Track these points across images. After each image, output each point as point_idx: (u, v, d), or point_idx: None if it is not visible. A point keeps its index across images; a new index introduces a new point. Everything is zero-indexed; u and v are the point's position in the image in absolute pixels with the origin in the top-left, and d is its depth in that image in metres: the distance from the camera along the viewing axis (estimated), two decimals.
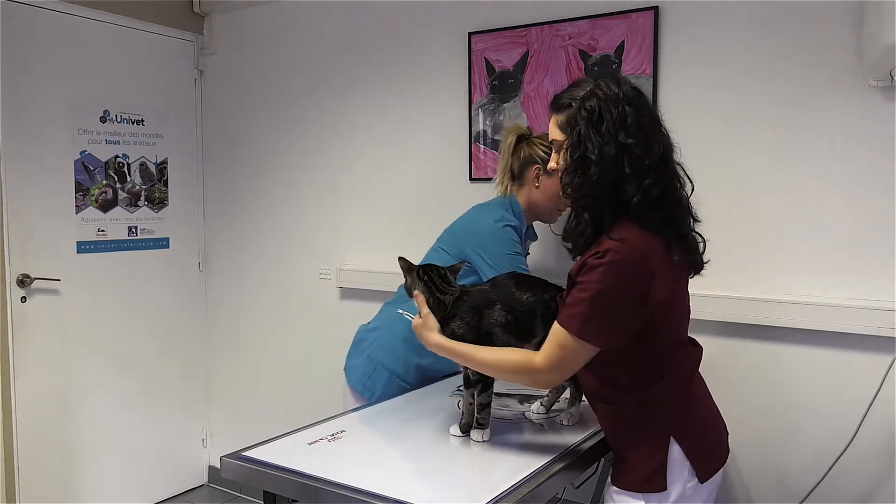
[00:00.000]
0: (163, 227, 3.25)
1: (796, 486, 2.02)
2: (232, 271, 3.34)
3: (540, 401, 1.82)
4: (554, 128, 1.47)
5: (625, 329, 1.38)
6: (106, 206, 3.03)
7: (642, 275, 1.35)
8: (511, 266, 1.94)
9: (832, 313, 1.93)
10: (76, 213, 2.93)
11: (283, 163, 3.11)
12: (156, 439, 3.25)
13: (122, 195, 3.08)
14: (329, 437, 1.62)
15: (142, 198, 3.16)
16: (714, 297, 2.04)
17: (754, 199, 2.07)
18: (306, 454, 1.53)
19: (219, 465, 1.55)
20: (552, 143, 1.51)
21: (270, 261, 3.20)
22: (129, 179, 3.11)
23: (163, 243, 3.25)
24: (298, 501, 1.45)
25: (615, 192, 1.37)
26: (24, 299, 2.77)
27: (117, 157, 3.06)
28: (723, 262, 1.68)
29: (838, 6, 1.92)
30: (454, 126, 2.61)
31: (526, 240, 2.17)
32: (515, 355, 1.48)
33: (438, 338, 1.56)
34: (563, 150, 1.44)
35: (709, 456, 1.48)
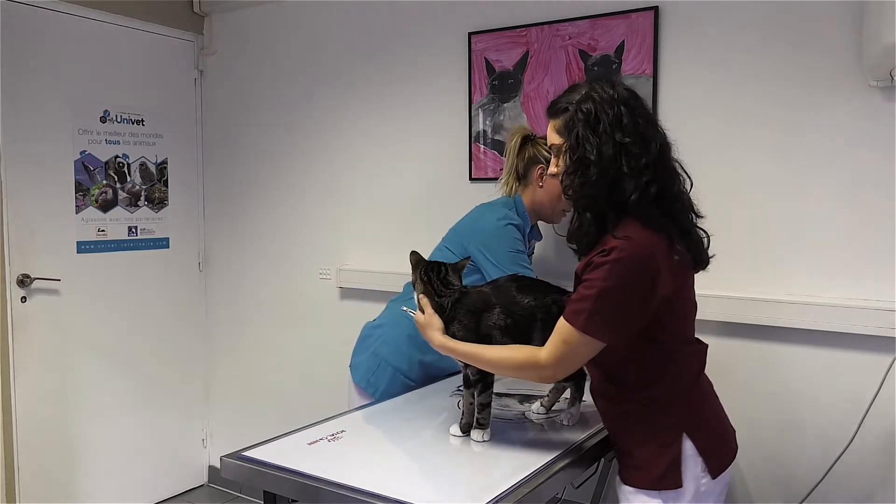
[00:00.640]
0: (163, 227, 3.25)
1: (796, 486, 2.02)
2: (232, 271, 3.34)
3: (540, 401, 1.82)
4: (552, 132, 1.51)
5: (630, 325, 1.39)
6: (106, 206, 3.03)
7: (647, 271, 1.37)
8: (513, 264, 1.95)
9: (832, 313, 1.93)
10: (76, 213, 2.93)
11: (283, 163, 3.11)
12: (156, 439, 3.25)
13: (122, 195, 3.08)
14: (329, 437, 1.62)
15: (142, 198, 3.16)
16: (714, 297, 2.04)
17: (754, 199, 2.08)
18: (306, 454, 1.53)
19: (219, 465, 1.55)
20: (551, 148, 1.53)
21: (270, 261, 3.20)
22: (129, 179, 3.11)
23: (163, 243, 3.25)
24: (298, 501, 1.45)
25: (614, 191, 1.40)
26: (24, 299, 2.77)
27: (117, 157, 3.06)
28: (723, 262, 1.68)
29: (838, 6, 1.92)
30: (454, 126, 2.60)
31: (530, 240, 2.18)
32: (520, 352, 1.50)
33: (442, 338, 1.57)
34: (563, 153, 1.47)
35: (720, 451, 1.49)
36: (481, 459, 1.56)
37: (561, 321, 1.42)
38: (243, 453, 1.52)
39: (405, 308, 2.09)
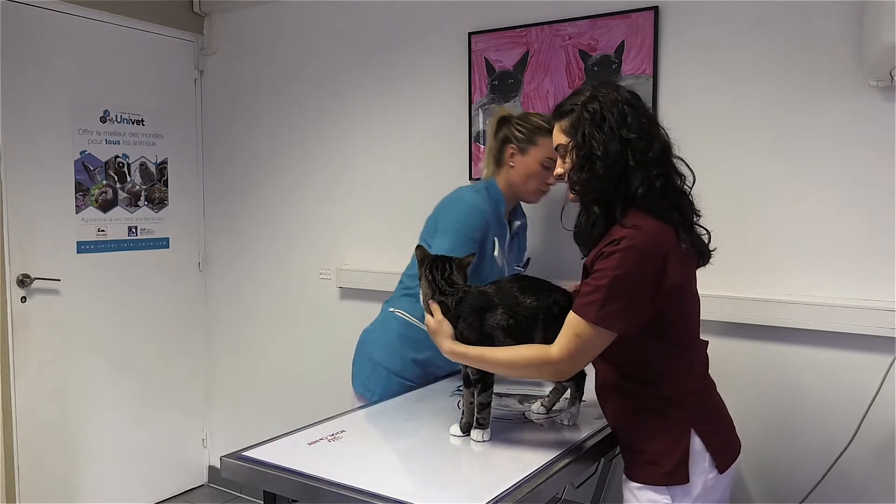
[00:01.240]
0: (163, 227, 3.25)
1: (796, 486, 2.02)
2: (232, 271, 3.34)
3: (541, 401, 1.82)
4: (559, 133, 1.54)
5: (641, 314, 1.41)
6: (106, 206, 3.03)
7: (657, 259, 1.39)
8: (453, 243, 1.91)
9: (832, 313, 1.93)
10: (76, 213, 2.93)
11: (283, 163, 3.11)
12: (156, 439, 3.25)
13: (122, 195, 3.08)
14: (329, 437, 1.62)
15: (142, 198, 3.16)
16: (714, 297, 2.04)
17: (754, 199, 2.08)
18: (306, 454, 1.53)
19: (219, 465, 1.55)
20: (557, 149, 1.56)
21: (270, 261, 3.20)
22: (129, 179, 3.11)
23: (163, 243, 3.25)
24: (298, 501, 1.45)
25: (622, 184, 1.44)
26: (24, 299, 2.77)
27: (117, 157, 3.06)
28: (723, 262, 1.69)
29: (838, 6, 1.92)
30: (454, 126, 2.60)
31: (514, 221, 2.18)
32: (530, 350, 1.51)
33: (452, 344, 1.57)
34: (569, 152, 1.50)
35: (726, 447, 1.51)
36: (481, 459, 1.56)
37: (571, 315, 1.43)
38: (243, 453, 1.52)
39: (393, 309, 2.09)
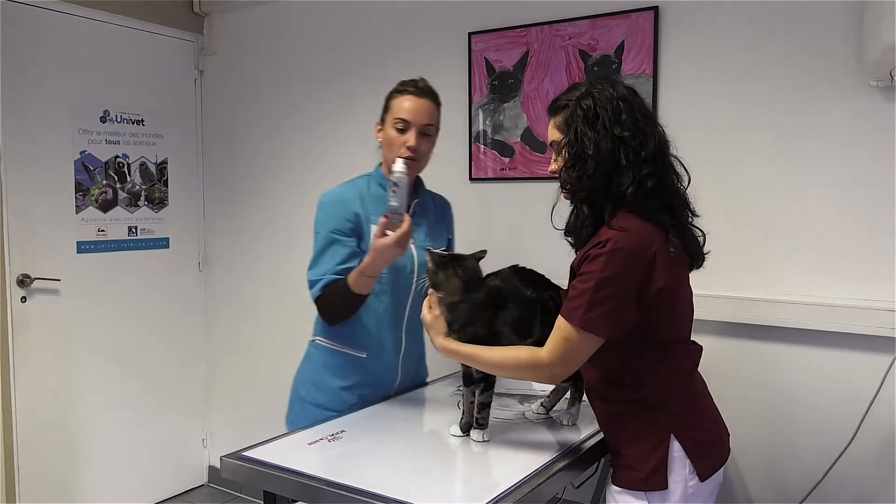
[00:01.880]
0: (163, 227, 3.25)
1: (796, 486, 2.02)
2: (232, 271, 3.34)
3: (541, 401, 1.82)
4: (553, 129, 1.51)
5: (627, 317, 1.39)
6: (106, 206, 3.03)
7: (643, 261, 1.37)
8: (318, 246, 1.86)
9: (832, 313, 1.93)
10: (76, 213, 2.93)
11: (282, 162, 3.11)
12: (156, 439, 3.25)
13: (122, 195, 3.08)
14: (329, 437, 1.62)
15: (142, 198, 3.16)
16: (714, 297, 2.04)
17: (754, 199, 2.08)
18: (306, 454, 1.53)
19: (219, 465, 1.55)
20: (551, 145, 1.54)
21: (270, 261, 3.19)
22: (129, 179, 3.11)
23: (163, 243, 3.25)
24: (298, 501, 1.45)
25: (612, 184, 1.41)
26: (24, 299, 2.77)
27: (117, 157, 3.06)
28: (723, 262, 1.68)
29: (838, 6, 1.92)
30: (454, 126, 2.60)
31: (411, 200, 1.92)
32: (521, 352, 1.49)
33: (444, 341, 1.58)
34: (562, 149, 1.47)
35: (709, 454, 1.48)
36: (481, 459, 1.56)
37: (560, 319, 1.41)
38: (243, 453, 1.52)
39: (312, 338, 2.00)
